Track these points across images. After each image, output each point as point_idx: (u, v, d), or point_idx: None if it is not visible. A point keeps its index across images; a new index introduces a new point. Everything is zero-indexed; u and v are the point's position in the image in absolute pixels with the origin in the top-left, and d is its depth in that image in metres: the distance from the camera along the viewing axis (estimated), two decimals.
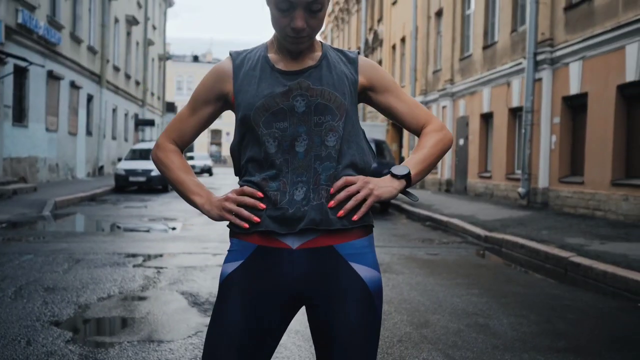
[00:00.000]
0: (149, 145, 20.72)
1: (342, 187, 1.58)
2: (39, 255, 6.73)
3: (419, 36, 22.70)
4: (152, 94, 36.72)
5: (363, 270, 1.61)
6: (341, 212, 1.57)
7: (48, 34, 16.82)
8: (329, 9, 44.63)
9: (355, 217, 1.59)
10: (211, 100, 1.69)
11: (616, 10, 10.53)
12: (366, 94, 1.71)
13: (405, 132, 24.73)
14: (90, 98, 22.74)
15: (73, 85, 20.20)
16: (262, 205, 1.57)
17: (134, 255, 6.95)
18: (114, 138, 26.84)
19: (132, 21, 28.82)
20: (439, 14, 21.12)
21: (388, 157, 15.67)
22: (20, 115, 15.98)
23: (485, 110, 16.42)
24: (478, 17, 17.20)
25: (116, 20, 26.33)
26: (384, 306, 4.84)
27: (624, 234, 8.62)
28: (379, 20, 29.91)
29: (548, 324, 4.49)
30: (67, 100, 19.70)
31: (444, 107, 19.89)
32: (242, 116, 1.61)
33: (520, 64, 13.89)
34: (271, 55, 1.66)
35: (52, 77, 17.88)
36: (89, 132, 22.62)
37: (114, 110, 26.82)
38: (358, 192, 1.58)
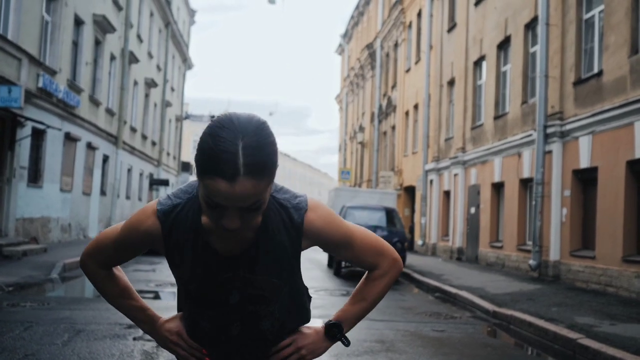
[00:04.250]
0: None
1: (276, 352, 1.63)
2: (40, 325, 6.69)
3: (431, 104, 22.99)
4: (168, 154, 37.20)
5: None
6: None
7: (67, 97, 17.24)
8: (345, 73, 45.51)
9: None
10: (140, 250, 1.65)
11: (624, 87, 10.63)
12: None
13: (417, 197, 24.72)
14: (105, 158, 23.08)
15: (89, 147, 20.55)
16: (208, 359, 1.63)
17: (134, 327, 6.89)
18: (127, 198, 27.07)
19: (151, 84, 29.51)
20: (451, 83, 21.44)
21: (398, 225, 15.64)
22: (35, 176, 16.21)
23: (497, 179, 16.42)
24: (489, 88, 17.43)
25: (135, 83, 26.98)
26: None
27: (635, 313, 8.44)
28: (393, 86, 30.41)
29: None
30: (82, 161, 20.00)
31: (455, 175, 19.93)
32: (178, 284, 1.64)
33: (530, 135, 13.96)
34: (205, 221, 1.48)
35: (69, 138, 18.22)
36: (103, 192, 22.84)
37: (129, 170, 27.15)
38: (291, 354, 1.63)
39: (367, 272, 1.70)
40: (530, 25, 14.96)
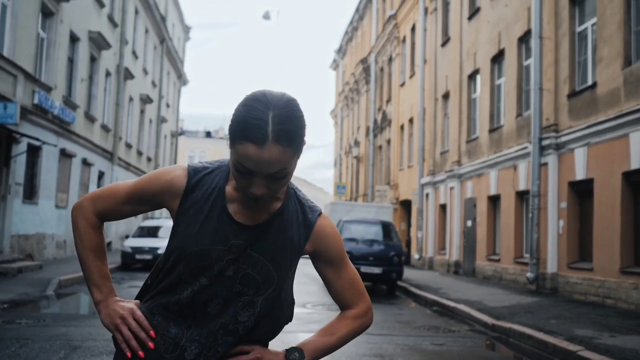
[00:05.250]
0: (157, 222, 20.77)
1: (235, 354, 1.56)
2: (36, 341, 6.63)
3: (426, 117, 23.06)
4: None
5: None
6: None
7: (63, 114, 17.23)
8: (339, 88, 45.68)
9: None
10: (151, 203, 1.63)
11: (618, 99, 10.69)
12: (310, 256, 1.68)
13: (414, 211, 24.73)
14: (101, 175, 23.04)
15: (85, 163, 20.51)
16: (152, 345, 1.54)
17: None
18: None
19: (146, 100, 29.53)
20: (445, 96, 21.53)
21: (395, 239, 15.62)
22: (30, 193, 16.15)
23: (493, 192, 16.44)
24: (484, 101, 17.50)
25: (130, 99, 27.00)
26: None
27: (635, 325, 8.41)
28: (388, 100, 30.51)
29: None
30: (78, 177, 19.96)
31: (451, 188, 19.95)
32: (175, 249, 1.55)
33: (525, 148, 14.00)
34: (228, 190, 1.56)
35: (64, 154, 18.19)
36: None
37: None
38: None
39: (341, 311, 1.71)
40: (524, 39, 15.05)
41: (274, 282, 1.56)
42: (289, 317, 1.67)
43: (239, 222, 1.54)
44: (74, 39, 18.80)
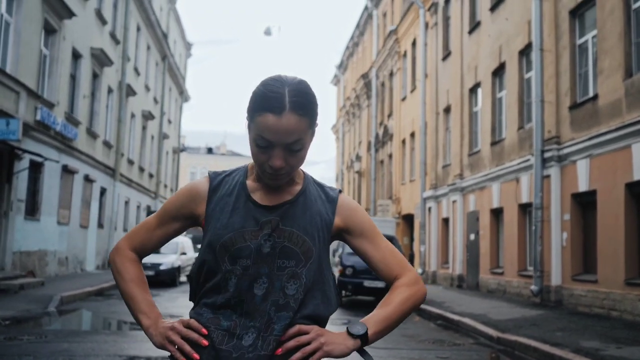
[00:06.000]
0: None
1: (293, 335, 1.53)
2: (38, 358, 6.59)
3: (428, 131, 23.08)
4: (165, 186, 37.15)
5: None
6: None
7: (65, 130, 17.27)
8: (341, 103, 45.81)
9: None
10: (180, 218, 1.69)
11: (620, 110, 10.70)
12: (341, 235, 1.69)
13: (416, 225, 24.68)
14: (103, 191, 23.02)
15: (87, 179, 20.51)
16: (205, 342, 1.53)
17: (135, 358, 6.78)
18: (125, 230, 26.94)
19: (148, 116, 29.60)
20: (447, 110, 21.56)
21: None
22: (32, 209, 16.14)
23: (495, 205, 16.40)
24: (485, 114, 17.51)
25: (132, 116, 27.07)
26: None
27: None
28: (389, 115, 30.57)
29: None
30: (80, 194, 19.94)
31: (454, 202, 19.91)
32: (208, 245, 1.59)
33: (528, 160, 13.99)
34: (249, 183, 1.65)
35: (66, 171, 18.19)
36: (100, 225, 22.74)
37: (127, 203, 27.08)
38: (309, 343, 1.52)
39: (390, 286, 1.67)
40: (525, 52, 15.10)
41: (313, 252, 1.58)
42: (337, 298, 1.67)
43: (264, 205, 1.61)
44: (76, 56, 18.90)
